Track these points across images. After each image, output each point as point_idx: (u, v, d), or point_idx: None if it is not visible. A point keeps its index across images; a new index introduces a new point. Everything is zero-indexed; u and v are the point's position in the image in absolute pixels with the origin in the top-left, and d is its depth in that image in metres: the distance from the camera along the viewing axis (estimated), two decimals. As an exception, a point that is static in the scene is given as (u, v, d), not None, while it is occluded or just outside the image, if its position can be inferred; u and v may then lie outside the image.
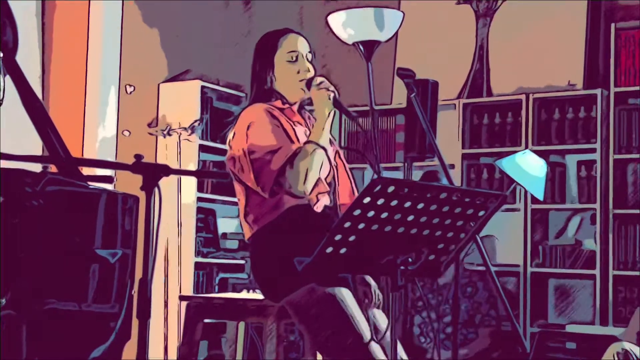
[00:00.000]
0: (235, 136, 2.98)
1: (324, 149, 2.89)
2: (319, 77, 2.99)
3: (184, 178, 5.35)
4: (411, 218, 2.37)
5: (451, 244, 2.52)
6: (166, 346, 5.26)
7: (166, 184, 4.18)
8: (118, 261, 2.92)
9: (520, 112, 5.58)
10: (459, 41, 5.93)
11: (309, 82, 3.00)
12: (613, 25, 5.41)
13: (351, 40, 3.74)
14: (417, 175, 5.40)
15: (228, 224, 5.84)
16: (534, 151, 4.36)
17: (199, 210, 5.54)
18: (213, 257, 5.61)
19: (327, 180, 3.02)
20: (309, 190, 2.86)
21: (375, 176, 2.86)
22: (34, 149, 4.04)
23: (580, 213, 5.52)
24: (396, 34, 3.92)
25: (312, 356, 3.32)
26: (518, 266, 5.48)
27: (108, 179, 3.51)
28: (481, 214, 2.49)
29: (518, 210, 5.50)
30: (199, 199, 5.52)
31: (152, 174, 2.63)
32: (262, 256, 2.96)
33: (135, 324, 2.64)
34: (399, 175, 5.48)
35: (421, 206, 2.36)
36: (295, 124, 3.03)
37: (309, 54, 3.10)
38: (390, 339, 2.53)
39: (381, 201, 2.29)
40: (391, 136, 5.95)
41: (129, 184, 2.98)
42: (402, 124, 5.63)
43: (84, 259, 2.85)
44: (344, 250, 2.36)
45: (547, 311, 5.49)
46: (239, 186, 3.01)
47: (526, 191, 4.89)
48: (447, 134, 5.56)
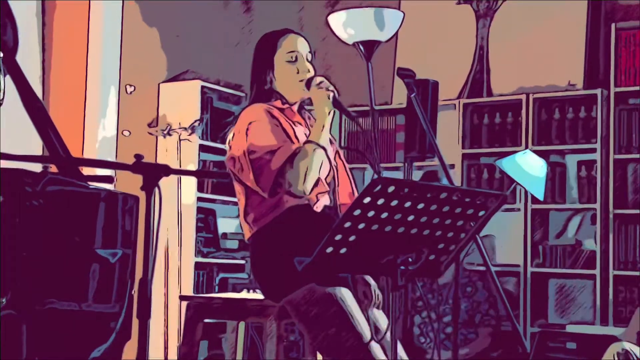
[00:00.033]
0: (235, 136, 2.98)
1: (324, 149, 2.89)
2: (319, 77, 2.99)
3: (184, 178, 5.35)
4: (411, 218, 2.37)
5: (451, 243, 2.52)
6: (166, 346, 5.26)
7: (166, 184, 4.18)
8: (118, 261, 2.92)
9: (521, 112, 5.57)
10: (459, 41, 5.92)
11: (309, 81, 2.99)
12: (613, 26, 5.40)
13: (351, 40, 3.74)
14: (417, 175, 5.40)
15: (228, 224, 5.83)
16: (534, 151, 4.36)
17: (199, 210, 5.54)
18: (213, 257, 5.61)
19: (327, 180, 3.02)
20: (309, 190, 2.86)
21: (376, 176, 2.86)
22: (34, 149, 4.04)
23: (580, 213, 5.52)
24: (396, 34, 3.92)
25: (312, 356, 3.32)
26: (518, 266, 5.48)
27: (108, 179, 3.51)
28: (481, 214, 2.49)
29: (518, 210, 5.50)
30: (199, 199, 5.52)
31: (152, 174, 2.63)
32: (262, 256, 2.96)
33: (135, 324, 2.64)
34: (399, 175, 5.48)
35: (421, 206, 2.36)
36: (295, 124, 3.03)
37: (308, 54, 3.09)
38: (391, 339, 2.53)
39: (381, 201, 2.29)
40: (391, 136, 5.94)
41: (129, 184, 2.97)
42: (402, 124, 5.63)
43: (84, 259, 2.85)
44: (344, 250, 2.36)
45: (547, 311, 5.48)
46: (238, 186, 3.01)
47: (526, 191, 4.89)
48: (447, 134, 5.56)
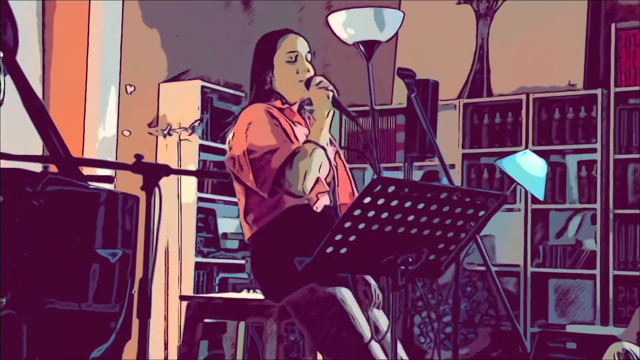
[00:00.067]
0: (234, 136, 2.97)
1: (323, 149, 2.89)
2: (318, 77, 2.99)
3: (184, 178, 5.35)
4: (411, 218, 2.37)
5: (451, 243, 2.52)
6: (166, 346, 5.25)
7: (166, 184, 4.18)
8: (118, 261, 2.92)
9: (521, 112, 5.57)
10: (460, 41, 5.92)
11: (308, 81, 2.99)
12: (613, 26, 5.40)
13: (351, 40, 3.74)
14: (417, 175, 5.40)
15: (228, 223, 5.83)
16: (534, 151, 4.36)
17: (199, 210, 5.54)
18: (213, 257, 5.61)
19: (327, 180, 3.02)
20: (308, 190, 2.85)
21: (376, 176, 2.86)
22: (34, 149, 4.04)
23: (580, 213, 5.52)
24: (396, 34, 3.92)
25: (313, 356, 3.32)
26: (518, 266, 5.48)
27: (108, 179, 3.51)
28: (481, 214, 2.48)
29: (518, 210, 5.50)
30: (199, 199, 5.52)
31: (153, 173, 2.63)
32: (262, 256, 2.96)
33: (135, 323, 2.64)
34: (399, 175, 5.48)
35: (421, 206, 2.36)
36: (295, 124, 3.03)
37: (308, 54, 3.09)
38: (391, 339, 2.53)
39: (381, 201, 2.29)
40: (391, 136, 5.94)
41: (129, 183, 2.97)
42: (402, 124, 5.63)
43: (84, 259, 2.85)
44: (344, 250, 2.36)
45: (548, 311, 5.49)
46: (238, 186, 3.01)
47: (526, 191, 4.89)
48: (448, 134, 5.56)
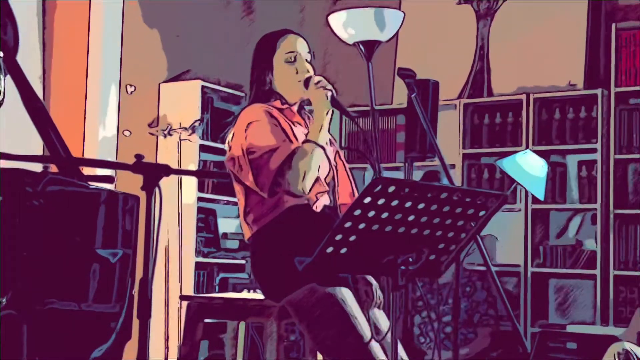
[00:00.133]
0: (234, 136, 2.98)
1: (323, 148, 2.89)
2: (317, 77, 2.99)
3: (184, 178, 5.35)
4: (412, 218, 2.37)
5: (452, 243, 2.52)
6: (167, 346, 5.26)
7: (167, 184, 4.18)
8: (119, 261, 2.92)
9: (521, 112, 5.57)
10: (460, 41, 5.92)
11: (307, 81, 2.99)
12: (613, 26, 5.40)
13: (352, 40, 3.74)
14: (417, 175, 5.40)
15: (228, 224, 5.84)
16: (534, 151, 4.36)
17: (200, 210, 5.54)
18: (213, 257, 5.61)
19: (327, 180, 3.02)
20: (308, 190, 2.85)
21: (376, 176, 2.86)
22: (34, 148, 4.03)
23: (581, 213, 5.52)
24: (397, 34, 3.92)
25: (313, 356, 3.32)
26: (519, 266, 5.48)
27: (109, 179, 3.50)
28: (482, 214, 2.49)
29: (519, 210, 5.50)
30: (200, 199, 5.52)
31: (153, 173, 2.63)
32: (263, 256, 2.96)
33: (135, 323, 2.64)
34: (399, 175, 5.48)
35: (422, 206, 2.36)
36: (295, 124, 3.03)
37: (307, 54, 3.09)
38: (391, 339, 2.53)
39: (382, 201, 2.29)
40: (392, 136, 5.94)
41: (130, 183, 2.97)
42: (402, 124, 5.63)
43: (84, 259, 2.85)
44: (344, 250, 2.36)
45: (548, 311, 5.48)
46: (238, 186, 3.01)
47: (527, 191, 4.89)
48: (448, 134, 5.56)
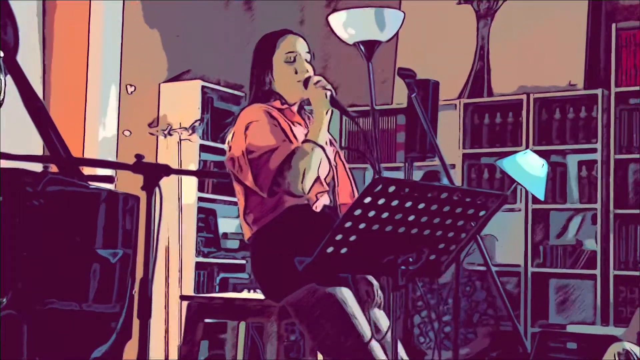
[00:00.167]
0: (234, 136, 2.97)
1: (322, 148, 2.89)
2: (316, 77, 2.99)
3: (184, 178, 5.35)
4: (412, 218, 2.37)
5: (452, 243, 2.52)
6: (167, 346, 5.26)
7: (167, 184, 4.18)
8: (119, 261, 2.92)
9: (521, 112, 5.57)
10: (460, 41, 5.92)
11: (306, 81, 2.99)
12: (614, 26, 5.40)
13: (352, 40, 3.74)
14: (417, 175, 5.40)
15: (229, 223, 5.84)
16: (534, 151, 4.36)
17: (200, 210, 5.54)
18: (214, 257, 5.61)
19: (327, 180, 3.02)
20: (307, 189, 2.85)
21: (376, 176, 2.86)
22: (34, 148, 4.03)
23: (581, 213, 5.52)
24: (397, 34, 3.92)
25: (313, 356, 3.32)
26: (519, 266, 5.48)
27: (109, 179, 3.50)
28: (482, 214, 2.48)
29: (519, 210, 5.50)
30: (200, 199, 5.52)
31: (153, 173, 2.63)
32: (263, 256, 2.96)
33: (136, 323, 2.64)
34: (399, 175, 5.48)
35: (422, 206, 2.35)
36: (295, 124, 3.03)
37: (307, 54, 3.09)
38: (391, 339, 2.53)
39: (382, 201, 2.29)
40: (392, 136, 5.94)
41: (130, 183, 2.97)
42: (402, 124, 5.63)
43: (84, 259, 2.85)
44: (344, 250, 2.35)
45: (548, 311, 5.48)
46: (238, 186, 3.01)
47: (527, 191, 4.89)
48: (448, 134, 5.55)
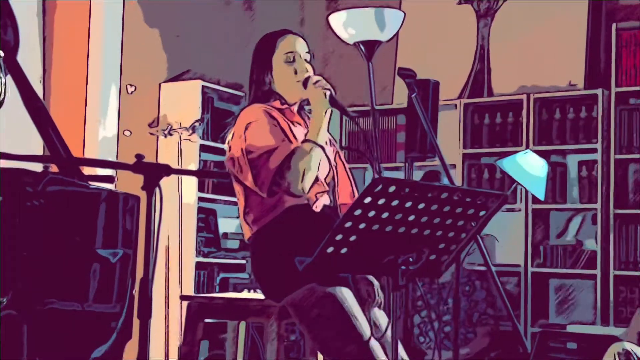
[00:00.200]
0: (233, 137, 2.98)
1: (322, 148, 2.89)
2: (315, 76, 2.99)
3: (184, 178, 5.35)
4: (412, 218, 2.37)
5: (452, 243, 2.52)
6: (167, 346, 5.26)
7: (167, 183, 4.18)
8: (119, 261, 2.92)
9: (521, 112, 5.57)
10: (460, 41, 5.92)
11: (305, 81, 2.99)
12: (614, 26, 5.40)
13: (352, 40, 3.74)
14: (418, 175, 5.40)
15: (229, 223, 5.83)
16: (535, 151, 4.36)
17: (200, 210, 5.54)
18: (214, 257, 5.61)
19: (327, 180, 3.02)
20: (307, 189, 2.85)
21: (376, 176, 2.86)
22: (34, 148, 4.03)
23: (581, 213, 5.52)
24: (397, 33, 3.92)
25: (313, 356, 3.32)
26: (519, 266, 5.48)
27: (109, 179, 3.50)
28: (482, 213, 2.48)
29: (519, 210, 5.50)
30: (200, 199, 5.52)
31: (153, 173, 2.63)
32: (263, 256, 2.96)
33: (136, 323, 2.64)
34: (400, 175, 5.48)
35: (422, 206, 2.35)
36: (294, 124, 3.03)
37: (307, 54, 3.09)
38: (392, 339, 2.53)
39: (382, 201, 2.28)
40: (392, 136, 5.95)
41: (130, 183, 2.97)
42: (403, 124, 5.63)
43: (85, 259, 2.85)
44: (345, 250, 2.35)
45: (548, 311, 5.48)
46: (238, 186, 3.01)
47: (527, 191, 4.89)
48: (448, 134, 5.55)
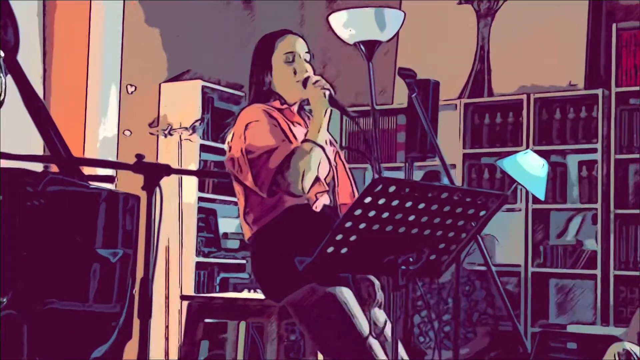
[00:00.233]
0: (233, 137, 2.98)
1: (322, 148, 2.89)
2: (315, 76, 2.99)
3: (185, 178, 5.35)
4: (412, 218, 2.37)
5: (452, 243, 2.52)
6: (167, 346, 5.26)
7: (167, 183, 4.18)
8: (119, 261, 2.92)
9: (522, 112, 5.57)
10: (460, 41, 5.92)
11: (305, 80, 2.99)
12: (614, 26, 5.40)
13: (352, 40, 3.74)
14: (418, 175, 5.40)
15: (229, 223, 5.84)
16: (535, 151, 4.36)
17: (200, 210, 5.54)
18: (214, 257, 5.61)
19: (327, 180, 3.02)
20: (307, 189, 2.85)
21: (376, 176, 2.86)
22: (34, 148, 4.03)
23: (581, 213, 5.52)
24: (397, 33, 3.92)
25: (313, 356, 3.32)
26: (519, 266, 5.48)
27: (109, 179, 3.50)
28: (482, 213, 2.48)
29: (519, 210, 5.50)
30: (200, 199, 5.52)
31: (154, 173, 2.63)
32: (263, 256, 2.96)
33: (136, 323, 2.64)
34: (400, 175, 5.48)
35: (422, 206, 2.35)
36: (294, 124, 3.03)
37: (306, 54, 3.09)
38: (392, 339, 2.53)
39: (382, 201, 2.29)
40: (392, 136, 5.94)
41: (130, 183, 2.97)
42: (403, 124, 5.63)
43: (85, 259, 2.85)
44: (345, 250, 2.36)
45: (548, 311, 5.49)
46: (238, 186, 3.01)
47: (527, 191, 4.89)
48: (448, 134, 5.55)
